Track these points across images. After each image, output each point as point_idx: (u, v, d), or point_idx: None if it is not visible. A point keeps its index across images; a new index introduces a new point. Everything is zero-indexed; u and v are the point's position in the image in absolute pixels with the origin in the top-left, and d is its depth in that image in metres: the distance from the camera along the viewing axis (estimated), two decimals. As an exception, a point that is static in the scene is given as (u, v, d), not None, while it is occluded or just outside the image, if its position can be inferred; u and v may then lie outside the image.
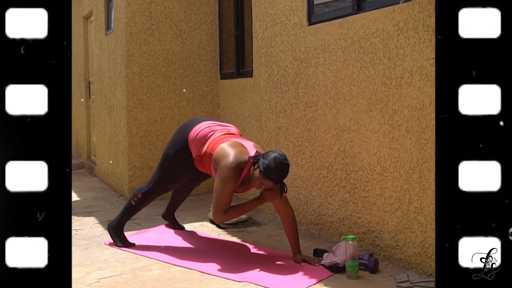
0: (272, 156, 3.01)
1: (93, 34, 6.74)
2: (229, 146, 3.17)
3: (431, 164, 2.84)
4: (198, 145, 3.33)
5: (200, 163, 3.37)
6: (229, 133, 3.36)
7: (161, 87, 5.27)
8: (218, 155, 3.16)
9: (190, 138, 3.37)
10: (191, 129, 3.40)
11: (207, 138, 3.31)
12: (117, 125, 5.52)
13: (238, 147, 3.17)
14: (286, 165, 3.02)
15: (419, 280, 2.80)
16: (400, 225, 3.09)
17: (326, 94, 3.68)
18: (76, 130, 8.20)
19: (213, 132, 3.33)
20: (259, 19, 4.53)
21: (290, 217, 3.23)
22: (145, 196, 3.57)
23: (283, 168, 3.01)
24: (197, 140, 3.34)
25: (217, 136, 3.30)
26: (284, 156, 3.04)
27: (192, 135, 3.37)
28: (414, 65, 2.94)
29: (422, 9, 2.87)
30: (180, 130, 3.52)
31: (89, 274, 3.08)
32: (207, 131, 3.33)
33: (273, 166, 2.98)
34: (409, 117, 2.98)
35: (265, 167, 2.99)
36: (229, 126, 3.46)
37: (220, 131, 3.35)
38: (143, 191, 3.57)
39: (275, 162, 2.99)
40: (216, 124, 3.41)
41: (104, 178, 6.23)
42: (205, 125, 3.39)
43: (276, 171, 2.99)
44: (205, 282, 2.93)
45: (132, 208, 3.63)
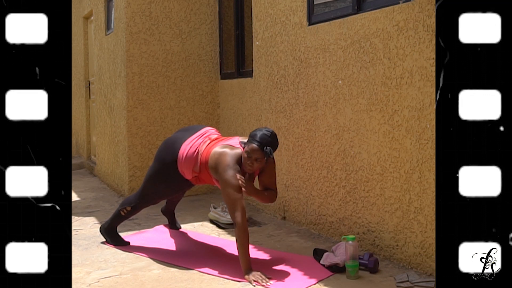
0: (256, 130, 3.13)
1: (93, 34, 6.74)
2: (220, 149, 3.17)
3: (431, 164, 2.84)
4: (191, 166, 3.29)
5: (198, 180, 3.37)
6: (211, 140, 3.34)
7: (161, 87, 5.27)
8: (213, 163, 3.15)
9: (180, 165, 3.31)
10: (176, 155, 3.33)
11: (195, 156, 3.27)
12: (117, 125, 5.52)
13: (227, 147, 3.19)
14: (268, 130, 3.10)
15: (419, 280, 2.80)
16: (400, 225, 3.09)
17: (326, 94, 3.68)
18: (76, 130, 8.20)
19: (197, 148, 3.30)
20: (259, 19, 4.53)
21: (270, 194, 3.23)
22: (134, 209, 3.60)
23: (265, 131, 3.08)
24: (188, 163, 3.29)
25: (203, 149, 3.27)
26: (268, 128, 3.14)
27: (181, 160, 3.30)
28: (414, 65, 2.94)
29: (422, 9, 2.87)
30: (162, 155, 3.43)
31: (89, 274, 3.08)
32: (192, 151, 3.29)
33: (257, 133, 3.09)
34: (409, 117, 2.98)
35: (249, 137, 3.09)
36: (206, 132, 3.42)
37: (203, 143, 3.31)
38: (132, 206, 3.57)
39: (258, 131, 3.10)
40: (195, 138, 3.35)
41: (104, 178, 6.23)
42: (188, 146, 3.32)
43: (258, 135, 3.06)
44: (205, 282, 2.93)
45: (121, 217, 3.66)
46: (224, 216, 4.11)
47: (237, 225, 2.96)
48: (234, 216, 2.99)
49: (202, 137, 3.37)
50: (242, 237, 2.96)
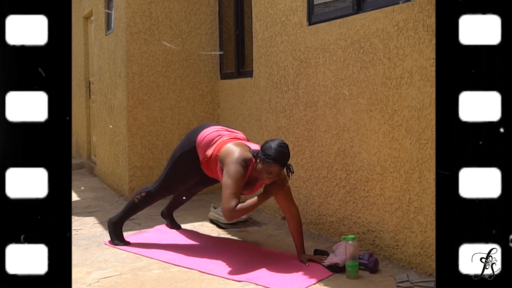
0: (269, 143, 3.10)
1: (93, 34, 6.74)
2: (234, 145, 3.23)
3: (431, 164, 2.84)
4: (205, 148, 3.37)
5: (207, 166, 3.40)
6: (235, 138, 3.40)
7: (161, 87, 5.27)
8: (223, 154, 3.21)
9: (198, 141, 3.41)
10: (199, 132, 3.44)
11: (214, 142, 3.35)
12: (117, 125, 5.52)
13: (243, 146, 3.24)
14: (284, 146, 3.09)
15: (419, 280, 2.80)
16: (400, 225, 3.09)
17: (326, 94, 3.68)
18: (76, 130, 8.20)
19: (220, 136, 3.38)
20: (259, 19, 4.53)
21: (295, 216, 3.26)
22: (149, 196, 3.59)
23: (282, 148, 3.08)
24: (204, 143, 3.38)
25: (224, 139, 3.34)
26: (280, 140, 3.12)
27: (200, 138, 3.41)
28: (414, 65, 2.94)
29: (422, 9, 2.87)
30: (190, 133, 3.56)
31: (89, 274, 3.08)
32: (214, 135, 3.38)
33: (272, 149, 3.06)
34: (409, 117, 2.98)
35: (266, 152, 3.06)
36: (236, 132, 3.50)
37: (227, 135, 3.39)
38: (148, 190, 3.60)
39: (273, 146, 3.07)
40: (224, 130, 3.46)
41: (104, 178, 6.23)
42: (213, 129, 3.43)
43: (277, 152, 3.05)
44: (205, 282, 2.93)
45: (135, 207, 3.65)
46: (224, 216, 4.11)
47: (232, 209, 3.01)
48: (228, 201, 3.02)
49: (229, 132, 3.46)
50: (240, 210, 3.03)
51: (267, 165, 3.06)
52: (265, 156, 3.05)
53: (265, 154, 3.06)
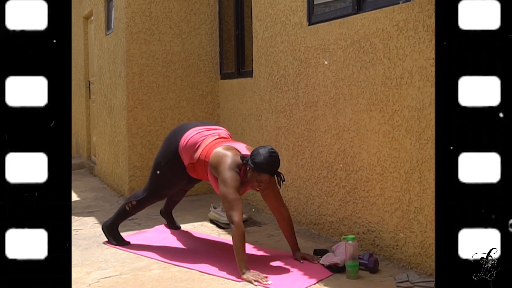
0: (258, 151, 3.07)
1: (93, 34, 6.74)
2: (224, 150, 3.19)
3: (431, 164, 2.84)
4: (190, 152, 3.32)
5: (193, 170, 3.37)
6: (220, 137, 3.36)
7: (161, 87, 5.27)
8: (214, 161, 3.16)
9: (181, 147, 3.36)
10: (181, 136, 3.38)
11: (198, 145, 3.30)
12: (117, 125, 5.52)
13: (232, 149, 3.20)
14: (274, 154, 3.07)
15: (419, 280, 2.80)
16: (400, 225, 3.09)
17: (326, 94, 3.68)
18: (76, 130, 8.20)
19: (204, 138, 3.32)
20: (259, 19, 4.53)
21: (286, 216, 3.28)
22: (139, 203, 3.60)
23: (272, 157, 3.06)
24: (188, 147, 3.33)
25: (209, 142, 3.29)
26: (270, 147, 3.10)
27: (183, 143, 3.35)
28: (414, 65, 2.94)
29: (422, 9, 2.87)
30: (169, 138, 3.50)
31: (89, 274, 3.08)
32: (197, 138, 3.32)
33: (262, 158, 3.03)
34: (409, 117, 2.98)
35: (256, 161, 3.03)
36: (219, 129, 3.45)
37: (211, 136, 3.34)
38: (138, 199, 3.59)
39: (263, 154, 3.04)
40: (205, 129, 3.40)
41: (104, 178, 6.23)
42: (195, 131, 3.37)
43: (267, 161, 3.03)
44: (205, 282, 2.93)
45: (126, 213, 3.67)
46: (224, 216, 4.11)
47: (234, 225, 2.99)
48: (231, 215, 3.01)
49: (212, 130, 3.40)
50: (238, 236, 2.97)
51: (256, 174, 3.05)
52: (255, 165, 3.03)
53: (255, 163, 3.03)
